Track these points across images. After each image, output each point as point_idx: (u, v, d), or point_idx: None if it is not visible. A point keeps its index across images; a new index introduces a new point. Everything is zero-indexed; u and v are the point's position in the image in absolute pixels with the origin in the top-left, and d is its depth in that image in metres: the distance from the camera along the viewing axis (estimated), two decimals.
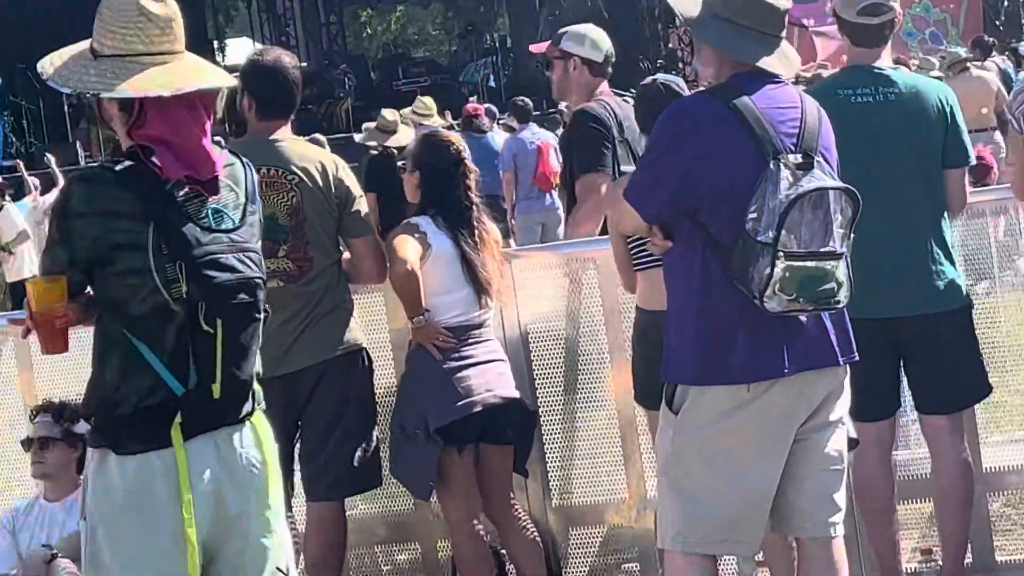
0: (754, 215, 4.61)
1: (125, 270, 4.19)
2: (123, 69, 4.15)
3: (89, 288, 4.35)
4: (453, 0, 40.91)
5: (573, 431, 6.58)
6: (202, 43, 32.14)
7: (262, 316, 4.35)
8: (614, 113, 6.64)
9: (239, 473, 4.32)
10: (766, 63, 4.81)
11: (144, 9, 4.20)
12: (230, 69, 17.92)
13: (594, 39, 6.89)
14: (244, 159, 4.46)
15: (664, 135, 4.88)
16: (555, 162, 17.24)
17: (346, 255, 6.08)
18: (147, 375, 4.22)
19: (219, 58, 32.97)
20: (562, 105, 22.55)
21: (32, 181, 20.33)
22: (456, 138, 6.49)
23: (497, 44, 32.91)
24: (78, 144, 27.04)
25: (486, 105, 18.65)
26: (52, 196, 19.02)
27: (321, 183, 5.91)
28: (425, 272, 6.05)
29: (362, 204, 6.06)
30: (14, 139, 27.93)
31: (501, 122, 18.69)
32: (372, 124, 11.27)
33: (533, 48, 8.68)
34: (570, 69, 6.85)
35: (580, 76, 6.84)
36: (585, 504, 6.63)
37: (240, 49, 38.88)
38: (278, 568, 4.39)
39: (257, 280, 4.31)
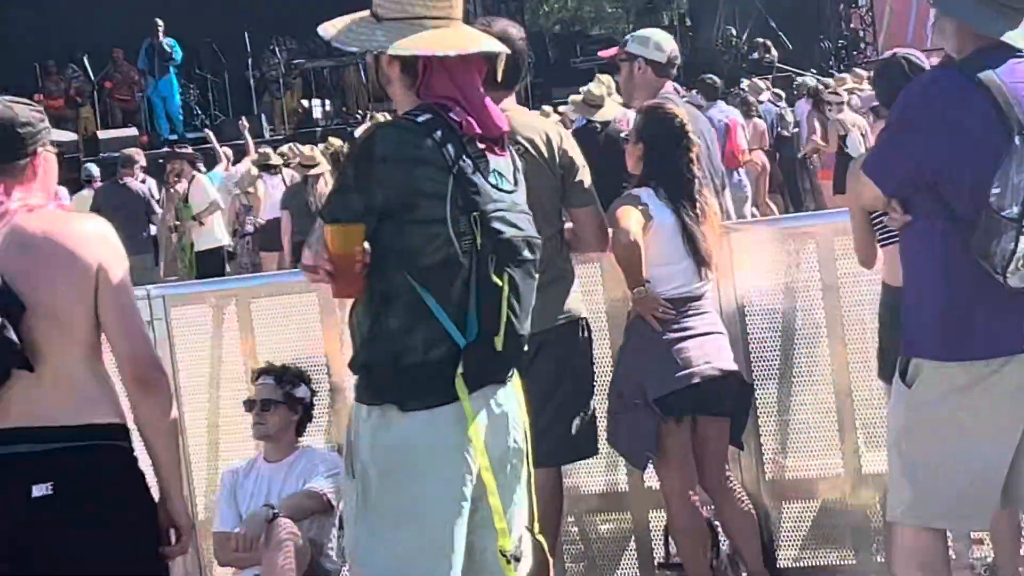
0: (997, 191, 4.57)
1: (423, 219, 4.26)
2: (407, 30, 4.28)
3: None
4: None
5: (788, 405, 6.57)
6: None
7: (536, 277, 4.42)
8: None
9: (504, 428, 4.40)
10: (1010, 37, 4.76)
11: None
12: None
13: (658, 41, 7.38)
14: (542, 135, 4.59)
15: (907, 109, 4.86)
16: (742, 140, 17.21)
17: (568, 224, 6.12)
18: (431, 327, 4.27)
19: None
20: (744, 84, 22.60)
21: (223, 151, 20.70)
22: (681, 111, 6.53)
23: (676, 22, 32.78)
24: (263, 117, 27.44)
25: (672, 83, 18.54)
26: (243, 165, 19.37)
27: (545, 153, 5.95)
28: (646, 243, 6.09)
29: (585, 174, 6.10)
30: (199, 111, 28.38)
31: (685, 99, 18.61)
32: (578, 97, 11.28)
33: (602, 53, 8.86)
34: (635, 70, 7.39)
35: (645, 77, 7.38)
36: (798, 478, 6.63)
37: None
38: (526, 527, 4.48)
39: (535, 240, 4.39)
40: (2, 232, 4.21)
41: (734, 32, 31.53)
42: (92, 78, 26.95)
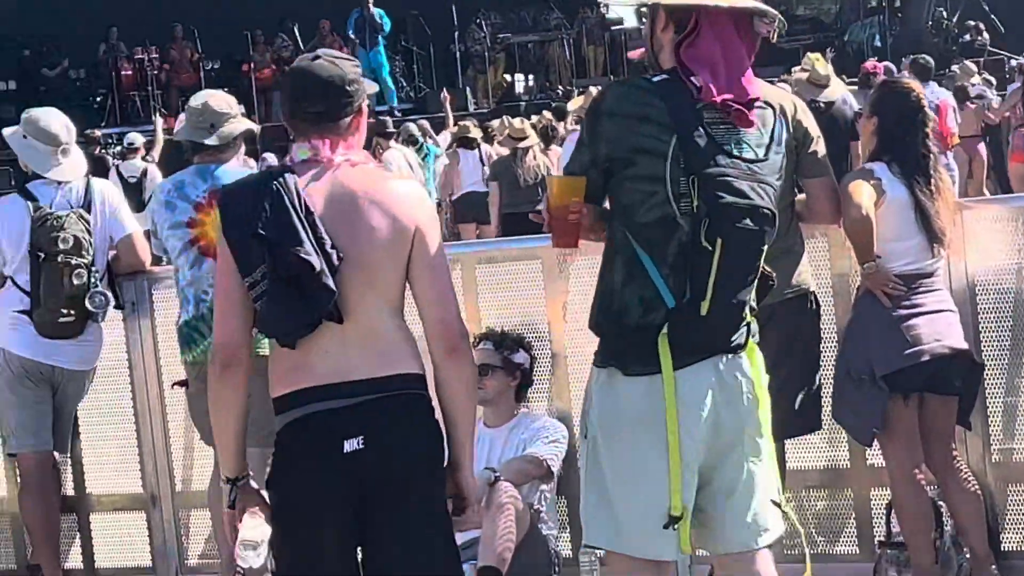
0: None
1: (641, 175, 4.32)
2: None
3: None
4: None
5: (1017, 386, 6.45)
6: None
7: (763, 248, 4.37)
8: None
9: (737, 401, 4.39)
10: None
11: None
12: (614, 22, 18.17)
13: None
14: (779, 107, 4.52)
15: None
16: (953, 122, 16.90)
17: (800, 196, 6.07)
18: (646, 285, 4.32)
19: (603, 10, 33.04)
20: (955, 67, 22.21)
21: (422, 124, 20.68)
22: (916, 85, 6.43)
23: (885, 3, 32.27)
24: (467, 90, 27.61)
25: (885, 63, 18.33)
26: (443, 138, 19.47)
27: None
28: (878, 218, 6.01)
29: (820, 145, 6.03)
30: (404, 83, 28.63)
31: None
32: (802, 76, 11.19)
33: (631, 55, 8.83)
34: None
35: None
36: None
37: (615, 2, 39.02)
38: (772, 500, 4.46)
39: (766, 211, 4.33)
40: (326, 185, 4.27)
41: (945, 14, 30.98)
42: (302, 48, 27.26)
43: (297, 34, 27.36)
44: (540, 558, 6.65)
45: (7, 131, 7.39)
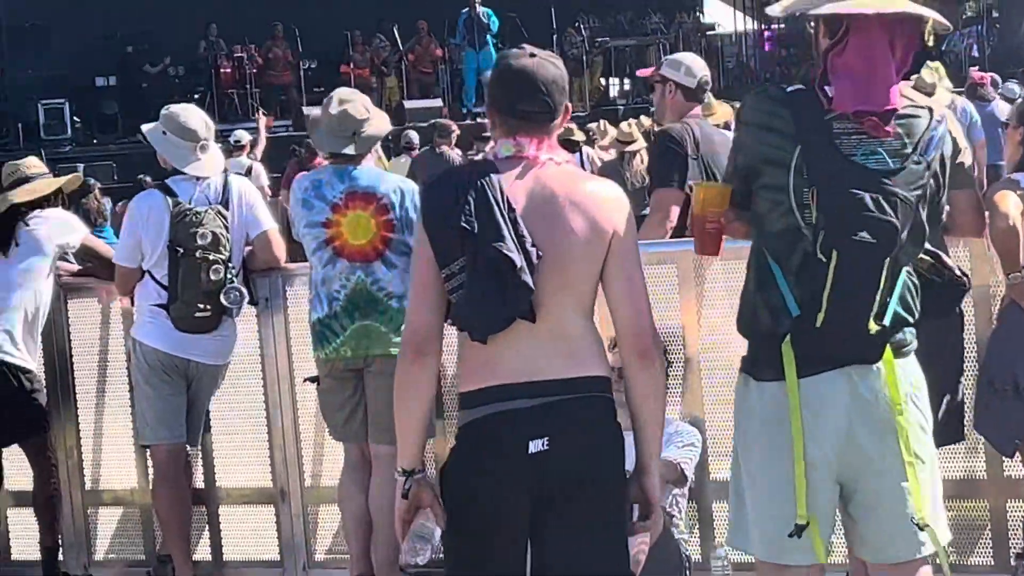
0: None
1: (768, 184, 4.37)
2: None
3: None
4: None
5: None
6: None
7: (885, 260, 4.28)
8: (692, 133, 7.20)
9: (875, 413, 4.36)
10: None
11: None
12: (708, 27, 18.12)
13: (689, 66, 7.51)
14: (934, 115, 4.47)
15: None
16: None
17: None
18: (774, 293, 4.37)
19: (701, 15, 33.04)
20: None
21: None
22: None
23: (982, 13, 32.07)
24: None
25: (991, 74, 18.24)
26: None
27: None
28: None
29: (965, 156, 6.03)
30: None
31: (999, 92, 18.25)
32: (908, 84, 11.19)
33: (640, 73, 8.92)
34: (666, 93, 7.51)
35: (675, 100, 7.53)
36: None
37: (714, 11, 38.95)
38: (914, 520, 4.38)
39: (889, 225, 4.25)
40: (528, 183, 4.26)
41: None
42: (401, 47, 27.40)
43: (396, 35, 27.44)
44: (671, 562, 6.64)
45: (147, 127, 7.48)
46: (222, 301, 7.10)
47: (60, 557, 7.80)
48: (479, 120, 20.18)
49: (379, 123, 7.01)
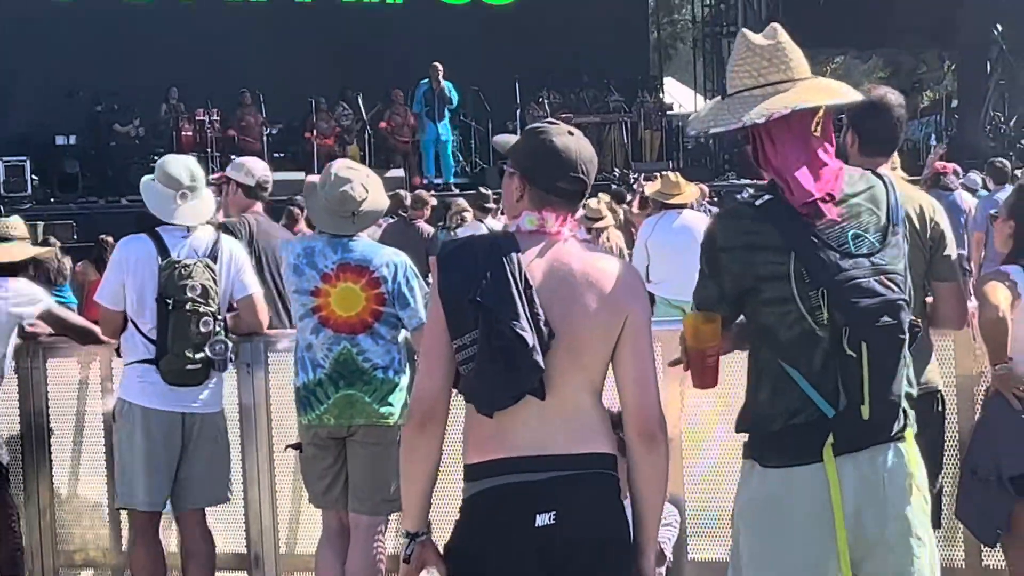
0: None
1: (771, 299, 4.38)
2: (742, 103, 4.35)
3: (742, 316, 4.56)
4: (894, 56, 40.46)
5: None
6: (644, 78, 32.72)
7: (907, 336, 4.35)
8: (249, 226, 8.41)
9: (879, 494, 4.40)
10: None
11: (749, 43, 4.41)
12: (668, 107, 18.05)
13: (250, 168, 8.66)
14: (888, 179, 4.53)
15: None
16: None
17: (928, 298, 6.11)
18: (796, 396, 4.38)
19: (661, 95, 33.28)
20: None
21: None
22: None
23: (943, 100, 32.48)
24: None
25: (952, 164, 18.41)
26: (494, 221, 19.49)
27: (918, 225, 5.95)
28: (1013, 321, 6.06)
29: (952, 249, 6.09)
30: (460, 157, 28.77)
31: (961, 181, 18.41)
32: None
33: (213, 177, 8.95)
34: (229, 192, 8.81)
35: (236, 197, 8.74)
36: None
37: (673, 90, 39.24)
38: None
39: (900, 301, 4.32)
40: (547, 258, 4.27)
41: (1002, 118, 31.10)
42: (365, 116, 27.45)
43: (360, 103, 27.50)
44: None
45: (146, 179, 7.45)
46: (206, 352, 7.07)
47: None
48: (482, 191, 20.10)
49: (376, 198, 7.01)
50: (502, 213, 18.75)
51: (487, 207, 16.71)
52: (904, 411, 4.45)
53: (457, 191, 24.15)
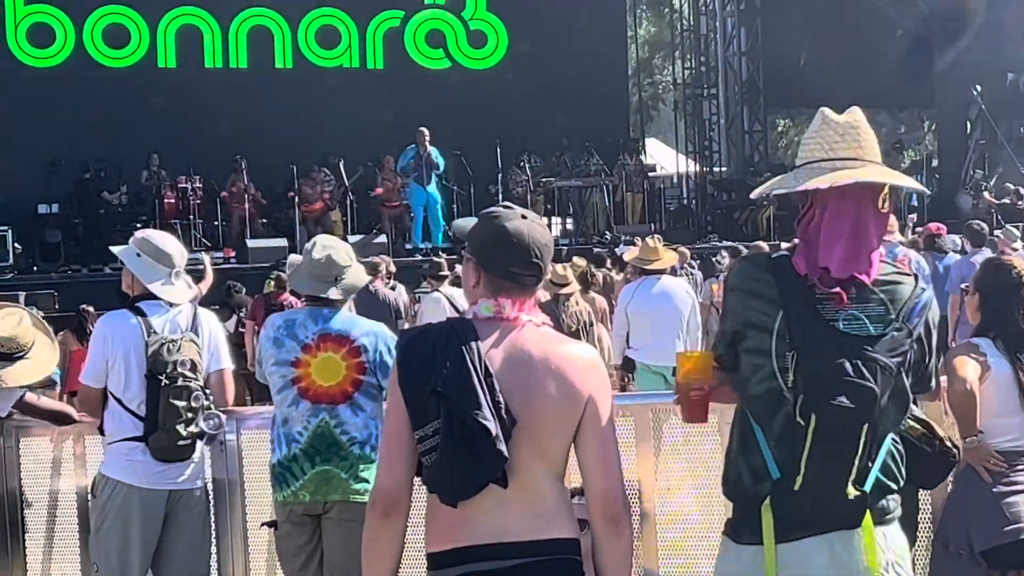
0: None
1: (751, 348, 4.42)
2: (808, 172, 4.41)
3: None
4: (874, 117, 40.68)
5: None
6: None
7: (863, 425, 4.26)
8: None
9: None
10: None
11: (826, 118, 4.46)
12: (650, 168, 18.03)
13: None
14: (919, 282, 4.51)
15: None
16: None
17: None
18: (756, 456, 4.41)
19: (643, 156, 33.37)
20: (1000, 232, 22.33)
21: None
22: (1019, 262, 6.52)
23: (923, 161, 32.62)
24: None
25: (938, 224, 18.46)
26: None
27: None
28: (982, 393, 6.08)
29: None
30: (444, 222, 28.78)
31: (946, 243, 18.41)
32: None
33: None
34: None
35: None
36: None
37: (655, 151, 39.38)
38: None
39: (867, 389, 4.25)
40: (506, 345, 4.27)
41: (983, 175, 31.23)
42: (347, 182, 27.49)
43: (342, 169, 27.55)
44: None
45: (118, 249, 7.43)
46: (202, 427, 7.05)
47: None
48: (432, 257, 20.11)
49: (358, 273, 7.08)
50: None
51: (441, 275, 16.67)
52: (865, 500, 4.36)
53: (443, 256, 24.14)
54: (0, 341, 7.36)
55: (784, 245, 4.49)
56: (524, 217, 4.37)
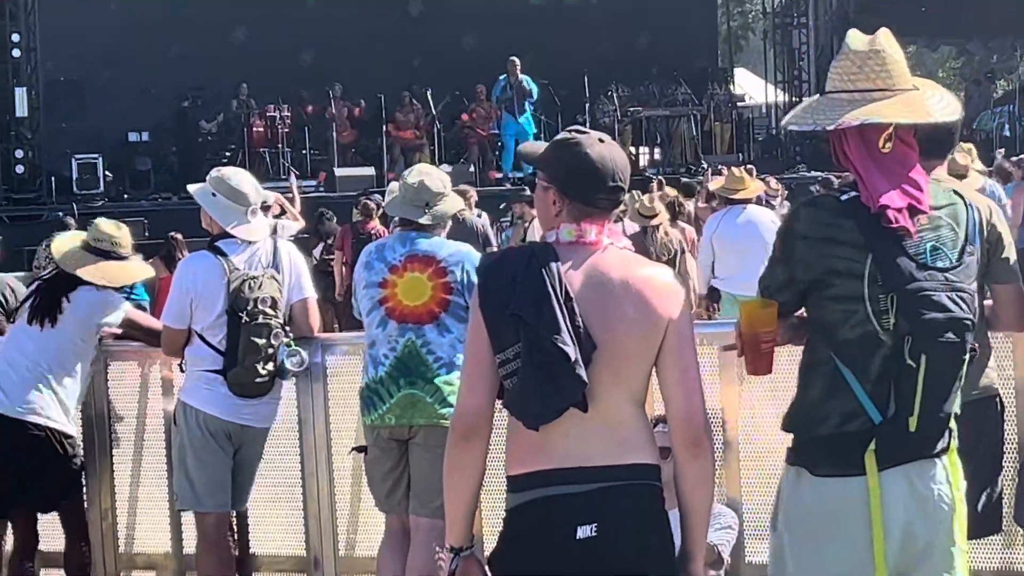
0: None
1: (839, 295, 4.34)
2: (828, 105, 4.37)
3: (803, 310, 4.53)
4: (963, 45, 40.12)
5: None
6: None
7: (967, 356, 4.33)
8: None
9: (930, 507, 4.37)
10: None
11: (847, 45, 4.42)
12: (739, 98, 17.92)
13: None
14: (968, 199, 4.51)
15: None
16: None
17: (987, 301, 6.04)
18: (848, 400, 4.35)
19: (732, 86, 33.12)
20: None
21: None
22: None
23: (1016, 93, 32.12)
24: None
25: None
26: None
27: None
28: None
29: (1011, 251, 6.00)
30: None
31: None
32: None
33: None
34: None
35: None
36: None
37: (744, 81, 39.06)
38: None
39: (966, 321, 4.29)
40: (587, 269, 4.25)
41: None
42: (434, 111, 27.52)
43: (429, 98, 27.56)
44: None
45: (194, 188, 7.52)
46: (287, 365, 7.15)
47: None
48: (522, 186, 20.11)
49: (451, 201, 7.17)
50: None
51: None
52: (950, 429, 4.43)
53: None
54: (99, 236, 7.59)
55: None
56: (601, 141, 4.35)
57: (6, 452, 7.41)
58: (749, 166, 19.66)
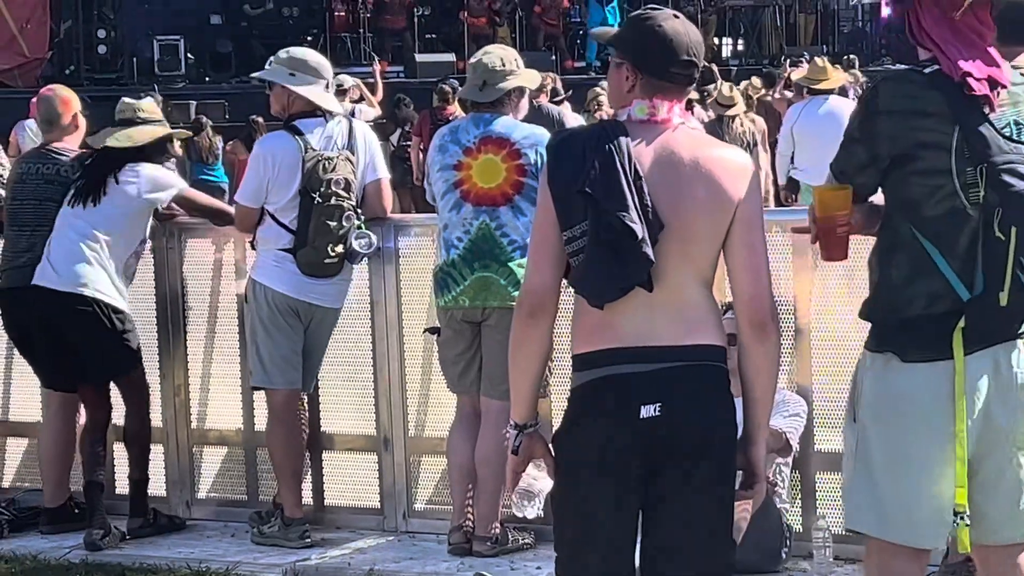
0: None
1: (926, 170, 4.28)
2: None
3: (880, 193, 4.46)
4: None
5: None
6: None
7: None
8: None
9: (1010, 390, 4.33)
10: None
11: None
12: None
13: None
14: None
15: None
16: None
17: None
18: (934, 279, 4.29)
19: None
20: None
21: None
22: None
23: None
24: None
25: None
26: None
27: None
28: None
29: None
30: None
31: None
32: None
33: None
34: None
35: None
36: None
37: None
38: None
39: None
40: (657, 147, 4.21)
41: None
42: None
43: None
44: (772, 531, 6.64)
45: (263, 73, 7.54)
46: (355, 247, 7.17)
47: (150, 492, 7.84)
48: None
49: (521, 77, 7.08)
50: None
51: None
52: None
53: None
54: (122, 108, 7.78)
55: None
56: (676, 16, 4.29)
57: (60, 326, 7.47)
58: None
